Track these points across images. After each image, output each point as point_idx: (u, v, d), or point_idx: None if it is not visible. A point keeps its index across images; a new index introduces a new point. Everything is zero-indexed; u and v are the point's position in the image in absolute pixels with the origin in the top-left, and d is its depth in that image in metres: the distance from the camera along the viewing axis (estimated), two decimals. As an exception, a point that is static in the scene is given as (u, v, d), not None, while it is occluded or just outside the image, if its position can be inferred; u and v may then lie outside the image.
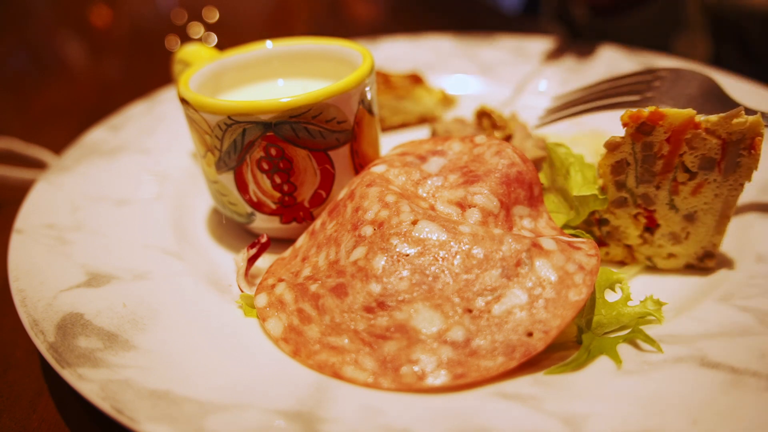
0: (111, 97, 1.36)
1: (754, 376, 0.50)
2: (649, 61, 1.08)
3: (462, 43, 1.25)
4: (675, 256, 0.67)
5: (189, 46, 0.88)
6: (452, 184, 0.63)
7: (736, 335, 0.54)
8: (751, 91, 0.93)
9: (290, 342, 0.56)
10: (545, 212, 0.64)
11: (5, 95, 1.47)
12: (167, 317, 0.60)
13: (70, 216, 0.76)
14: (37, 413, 0.60)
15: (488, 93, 1.10)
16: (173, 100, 1.06)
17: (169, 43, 1.67)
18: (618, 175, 0.64)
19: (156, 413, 0.48)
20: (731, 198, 0.62)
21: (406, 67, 1.15)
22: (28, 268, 0.66)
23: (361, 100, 0.69)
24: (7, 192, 0.94)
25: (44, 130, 1.24)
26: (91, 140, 0.95)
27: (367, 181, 0.64)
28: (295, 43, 0.82)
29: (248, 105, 0.64)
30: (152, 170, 0.89)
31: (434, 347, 0.52)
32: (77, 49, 1.83)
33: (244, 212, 0.73)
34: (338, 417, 0.48)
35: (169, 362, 0.54)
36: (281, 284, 0.62)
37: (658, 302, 0.59)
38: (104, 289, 0.63)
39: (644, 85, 0.74)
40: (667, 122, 0.59)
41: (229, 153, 0.68)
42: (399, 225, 0.57)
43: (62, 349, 0.55)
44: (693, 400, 0.48)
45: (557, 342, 0.54)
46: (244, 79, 0.81)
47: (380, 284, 0.55)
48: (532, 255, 0.55)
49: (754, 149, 0.58)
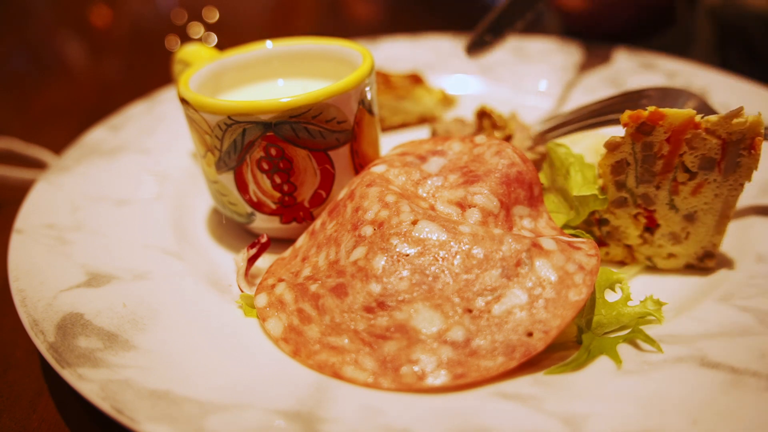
0: (111, 97, 1.36)
1: (754, 376, 0.50)
2: (649, 61, 1.08)
3: (462, 43, 1.25)
4: (675, 256, 0.67)
5: (189, 46, 0.88)
6: (452, 184, 0.63)
7: (736, 335, 0.54)
8: (752, 91, 0.93)
9: (290, 342, 0.56)
10: (545, 212, 0.64)
11: (5, 95, 1.47)
12: (167, 317, 0.60)
13: (70, 216, 0.76)
14: (37, 413, 0.60)
15: (488, 93, 1.10)
16: (173, 100, 1.06)
17: (169, 43, 1.67)
18: (618, 175, 0.64)
19: (156, 413, 0.48)
20: (731, 198, 0.62)
21: (406, 67, 1.15)
22: (28, 268, 0.66)
23: (361, 100, 0.69)
24: (7, 192, 0.94)
25: (44, 130, 1.24)
26: (91, 140, 0.95)
27: (367, 181, 0.64)
28: (295, 43, 0.82)
29: (248, 105, 0.64)
30: (152, 170, 0.89)
31: (434, 347, 0.52)
32: (77, 49, 1.83)
33: (244, 212, 0.73)
34: (338, 417, 0.48)
35: (169, 362, 0.54)
36: (281, 284, 0.62)
37: (658, 302, 0.59)
38: (104, 289, 0.63)
39: (631, 104, 0.73)
40: (667, 122, 0.59)
41: (229, 153, 0.68)
42: (399, 225, 0.57)
43: (62, 349, 0.55)
44: (693, 400, 0.48)
45: (557, 342, 0.54)
46: (244, 79, 0.81)
47: (380, 284, 0.55)
48: (532, 255, 0.55)
49: (754, 149, 0.58)
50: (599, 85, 1.06)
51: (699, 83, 0.98)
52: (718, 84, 0.97)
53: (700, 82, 0.99)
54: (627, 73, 1.07)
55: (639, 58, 1.10)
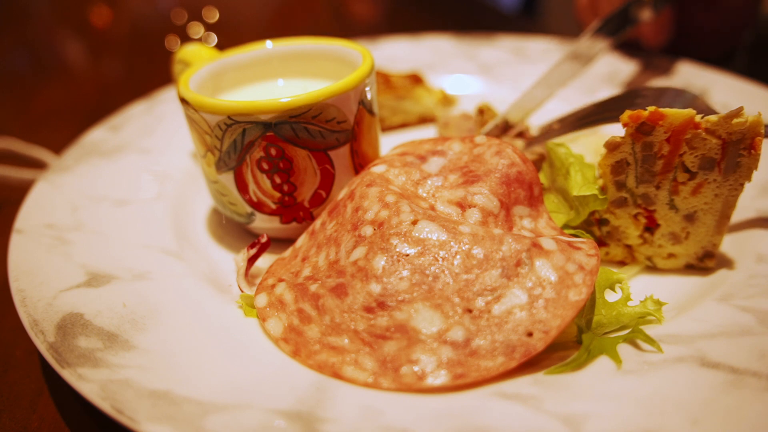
0: (111, 97, 1.36)
1: (754, 376, 0.50)
2: (649, 61, 1.08)
3: (462, 43, 1.25)
4: (675, 256, 0.67)
5: (189, 46, 0.88)
6: (452, 184, 0.63)
7: (736, 335, 0.54)
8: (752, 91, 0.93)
9: (290, 342, 0.56)
10: (545, 212, 0.64)
11: (5, 95, 1.47)
12: (167, 317, 0.60)
13: (70, 216, 0.76)
14: (37, 413, 0.60)
15: (488, 93, 1.10)
16: (173, 100, 1.06)
17: (169, 43, 1.67)
18: (618, 175, 0.64)
19: (156, 413, 0.48)
20: (731, 198, 0.62)
21: (406, 67, 1.15)
22: (28, 268, 0.66)
23: (361, 100, 0.69)
24: (7, 192, 0.94)
25: (44, 130, 1.24)
26: (91, 140, 0.95)
27: (367, 181, 0.64)
28: (295, 43, 0.82)
29: (248, 105, 0.64)
30: (152, 170, 0.89)
31: (434, 347, 0.52)
32: (77, 49, 1.83)
33: (244, 212, 0.73)
34: (338, 417, 0.48)
35: (169, 362, 0.54)
36: (281, 284, 0.62)
37: (658, 302, 0.59)
38: (104, 289, 0.63)
39: (628, 101, 0.73)
40: (667, 122, 0.59)
41: (229, 153, 0.68)
42: (399, 225, 0.57)
43: (62, 349, 0.55)
44: (693, 400, 0.48)
45: (557, 342, 0.54)
46: (244, 79, 0.81)
47: (380, 284, 0.55)
48: (532, 255, 0.55)
49: (754, 149, 0.58)
50: (599, 85, 1.06)
51: (699, 83, 0.98)
52: (718, 84, 0.97)
53: (700, 82, 0.99)
54: (627, 73, 1.08)
55: (639, 58, 1.10)
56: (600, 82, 1.07)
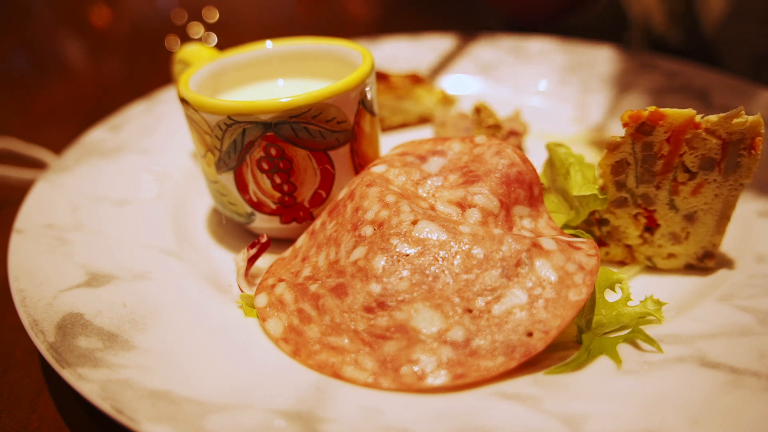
0: (111, 97, 1.36)
1: (754, 376, 0.50)
2: (649, 61, 1.08)
3: (462, 43, 1.25)
4: (675, 256, 0.67)
5: (189, 46, 0.88)
6: (452, 184, 0.63)
7: (736, 335, 0.54)
8: (752, 91, 0.93)
9: (290, 342, 0.56)
10: (545, 212, 0.64)
11: (5, 95, 1.47)
12: (167, 317, 0.60)
13: (70, 216, 0.76)
14: (37, 413, 0.60)
15: (488, 93, 1.10)
16: (173, 100, 1.06)
17: (169, 43, 1.67)
18: (618, 175, 0.64)
19: (156, 413, 0.48)
20: (731, 198, 0.62)
21: (406, 67, 1.15)
22: (28, 268, 0.66)
23: (361, 100, 0.69)
24: (7, 192, 0.94)
25: (44, 130, 1.24)
26: (91, 140, 0.95)
27: (367, 181, 0.64)
28: (295, 43, 0.82)
29: (248, 105, 0.64)
30: (152, 170, 0.89)
31: (434, 347, 0.52)
32: (77, 49, 1.83)
33: (244, 212, 0.73)
34: (338, 417, 0.48)
35: (169, 362, 0.54)
36: (281, 284, 0.62)
37: (658, 302, 0.59)
38: (104, 289, 0.63)
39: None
40: (667, 122, 0.59)
41: (229, 153, 0.68)
42: (399, 225, 0.57)
43: (62, 349, 0.55)
44: (693, 400, 0.48)
45: (557, 342, 0.54)
46: (244, 79, 0.81)
47: (380, 284, 0.55)
48: (532, 255, 0.55)
49: (754, 149, 0.58)
50: (599, 85, 1.06)
51: (699, 83, 0.98)
52: (718, 84, 0.97)
53: (700, 82, 0.99)
54: (627, 73, 1.07)
55: (639, 58, 1.10)
56: (600, 82, 1.07)
